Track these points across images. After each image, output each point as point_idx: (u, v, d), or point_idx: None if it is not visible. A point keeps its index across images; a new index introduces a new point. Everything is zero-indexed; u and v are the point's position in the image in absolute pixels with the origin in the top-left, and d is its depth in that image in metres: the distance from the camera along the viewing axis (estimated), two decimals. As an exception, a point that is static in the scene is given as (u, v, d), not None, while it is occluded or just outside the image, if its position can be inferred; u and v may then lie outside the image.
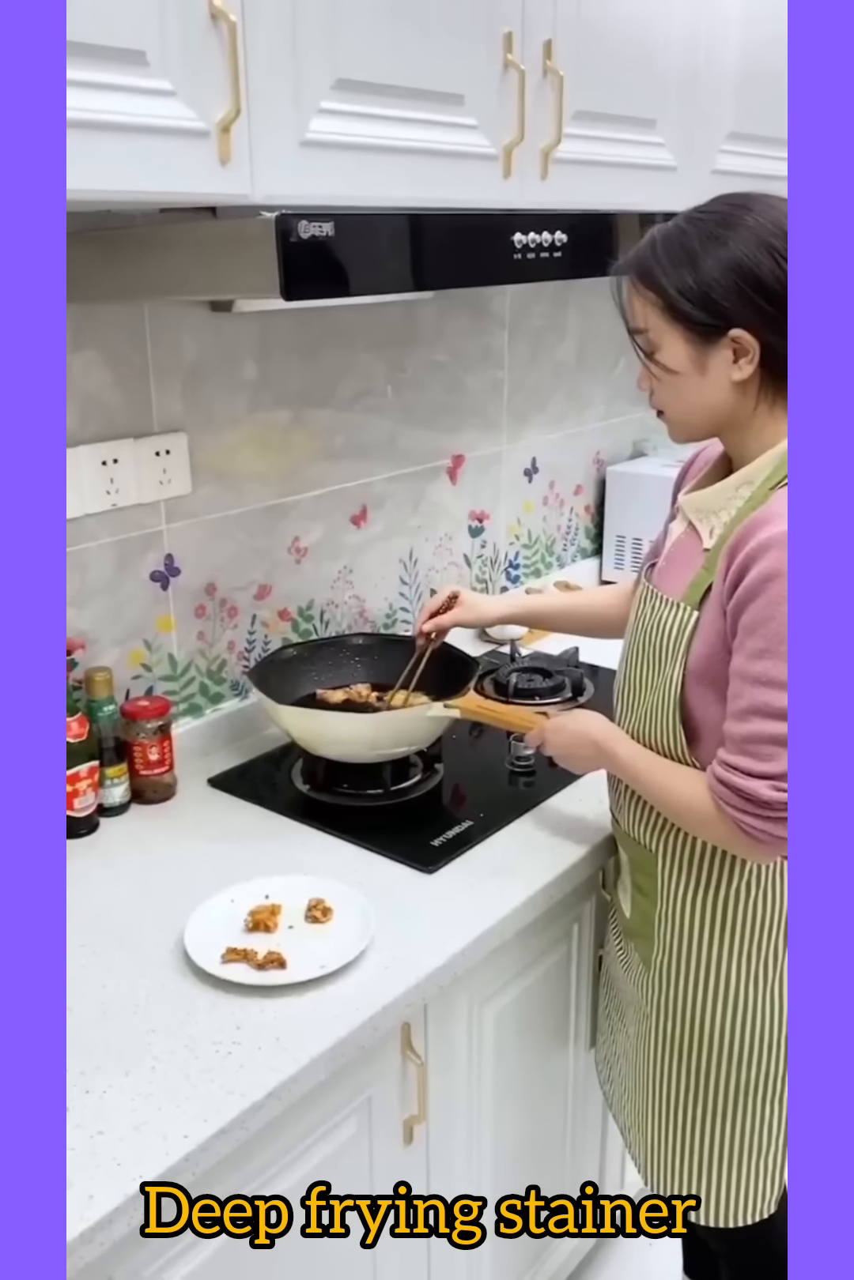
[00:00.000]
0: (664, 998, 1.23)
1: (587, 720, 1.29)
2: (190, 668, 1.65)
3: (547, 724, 1.34)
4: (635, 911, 1.28)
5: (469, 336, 2.01)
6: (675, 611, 1.15)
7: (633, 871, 1.28)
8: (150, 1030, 1.10)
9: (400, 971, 1.17)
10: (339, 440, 1.81)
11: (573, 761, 1.33)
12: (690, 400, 1.13)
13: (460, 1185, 1.37)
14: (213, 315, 1.56)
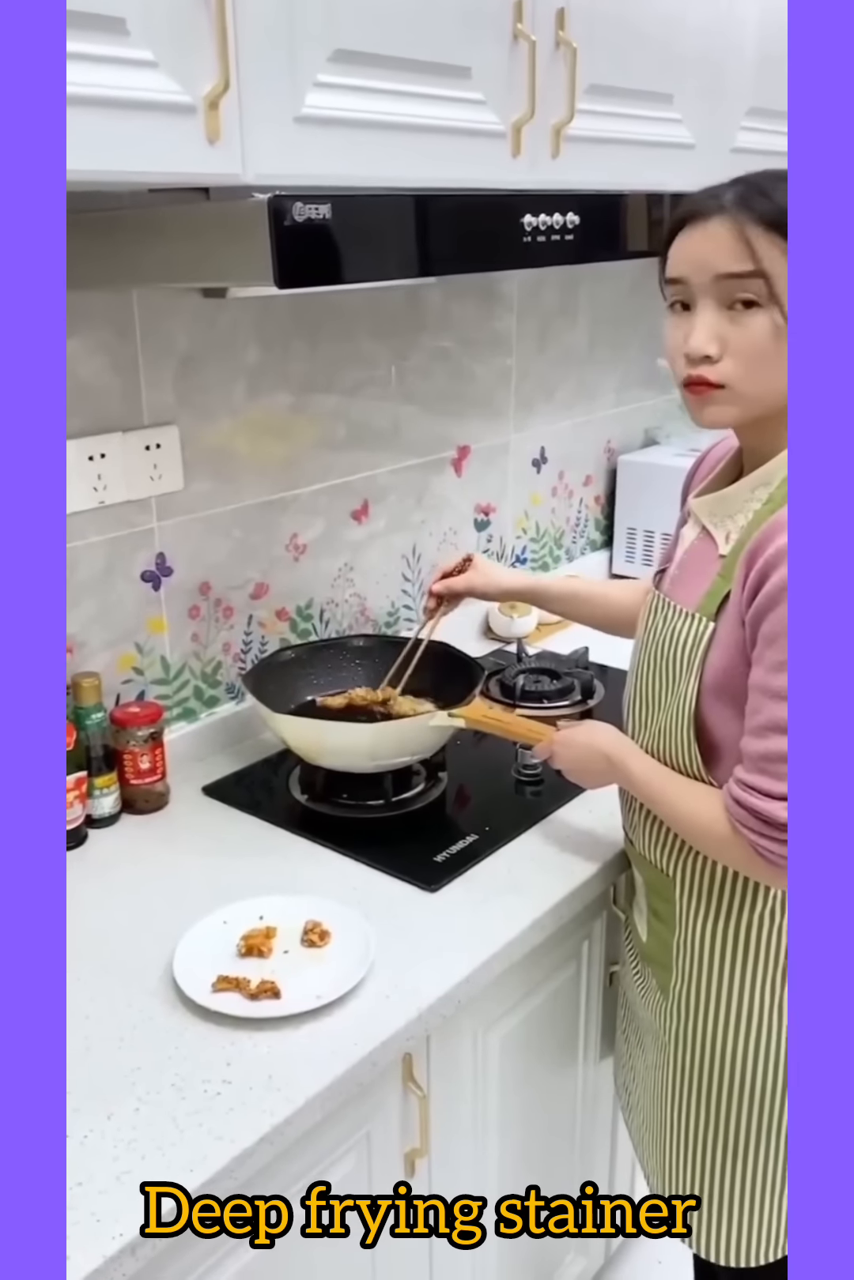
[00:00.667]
0: (683, 1029, 1.16)
1: (597, 733, 1.22)
2: (184, 671, 1.58)
3: (555, 736, 1.27)
4: (652, 937, 1.21)
5: (476, 322, 1.93)
6: (690, 623, 1.08)
7: (649, 895, 1.21)
8: (135, 1068, 1.03)
9: (401, 1001, 1.11)
10: (340, 432, 1.73)
11: (583, 776, 1.26)
12: (775, 376, 0.98)
13: (464, 1218, 1.31)
14: (206, 302, 1.48)
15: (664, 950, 1.18)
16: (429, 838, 1.40)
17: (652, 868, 1.19)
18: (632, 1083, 1.32)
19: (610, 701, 1.76)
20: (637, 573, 2.30)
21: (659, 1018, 1.20)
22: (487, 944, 1.19)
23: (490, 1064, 1.29)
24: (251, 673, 1.52)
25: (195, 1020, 1.09)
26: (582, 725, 1.26)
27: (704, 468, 1.25)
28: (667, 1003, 1.18)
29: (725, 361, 1.00)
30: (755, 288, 0.97)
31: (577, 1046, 1.47)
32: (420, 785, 1.51)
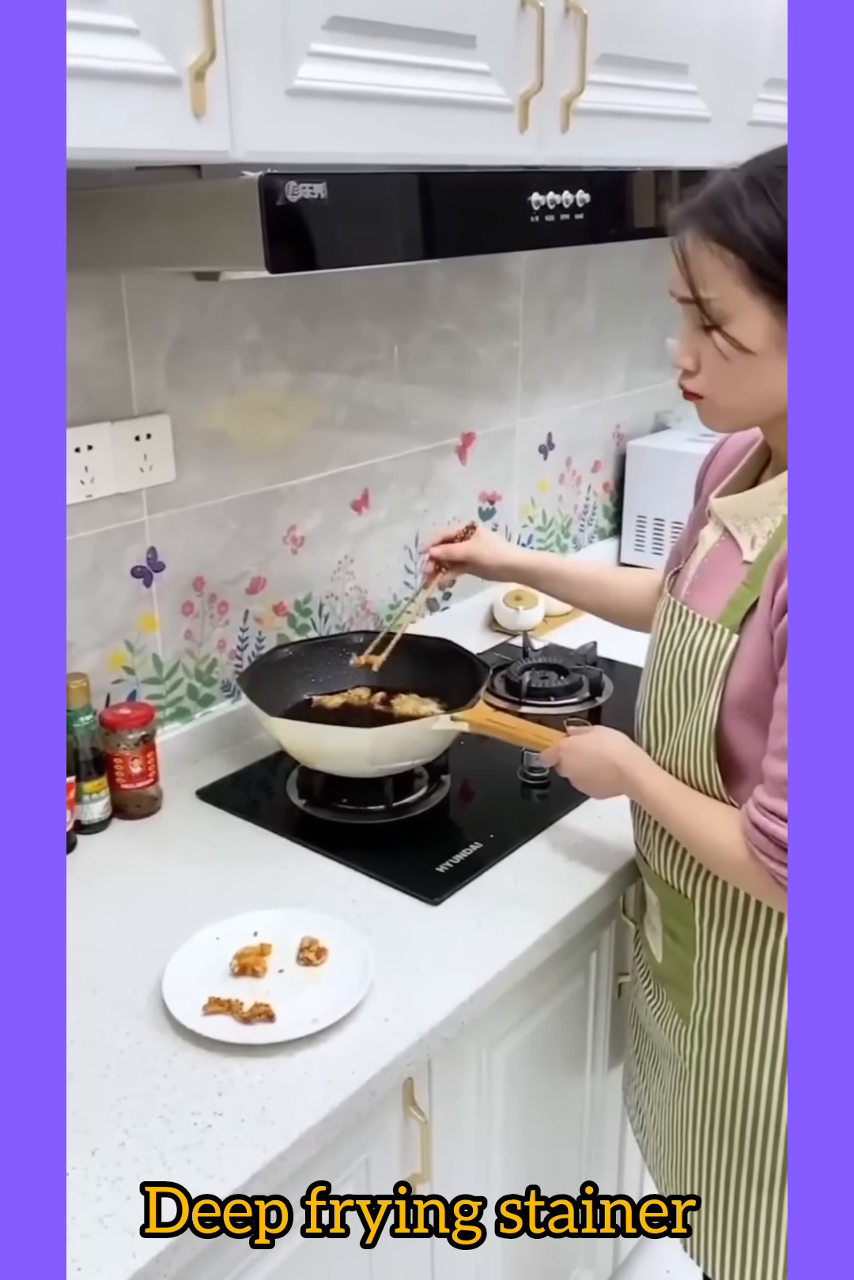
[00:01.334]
0: (704, 1055, 1.10)
1: (607, 741, 1.16)
2: (177, 669, 1.52)
3: (563, 743, 1.21)
4: (668, 958, 1.15)
5: (480, 303, 1.86)
6: (711, 634, 1.01)
7: (664, 915, 1.15)
8: (121, 1097, 0.98)
9: (401, 1024, 1.06)
10: (339, 419, 1.67)
11: (590, 785, 1.20)
12: (754, 387, 0.96)
13: (468, 1253, 1.26)
14: (198, 285, 1.42)
15: (682, 973, 1.12)
16: (431, 846, 1.34)
17: (667, 887, 1.13)
18: (646, 1105, 1.26)
19: (620, 699, 1.70)
20: (646, 562, 2.24)
21: (677, 1042, 1.14)
22: (491, 962, 1.14)
23: (495, 1084, 1.24)
24: (247, 672, 1.46)
25: (185, 1045, 1.04)
26: (591, 732, 1.20)
27: (722, 458, 1.19)
28: (687, 1028, 1.12)
29: (701, 375, 1.00)
30: (709, 310, 0.96)
31: (584, 1061, 1.42)
32: (423, 789, 1.45)
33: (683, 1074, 1.15)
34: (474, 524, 1.45)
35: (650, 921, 1.20)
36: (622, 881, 1.30)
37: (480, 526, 1.45)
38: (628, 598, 1.42)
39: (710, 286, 0.95)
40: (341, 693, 1.53)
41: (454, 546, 1.42)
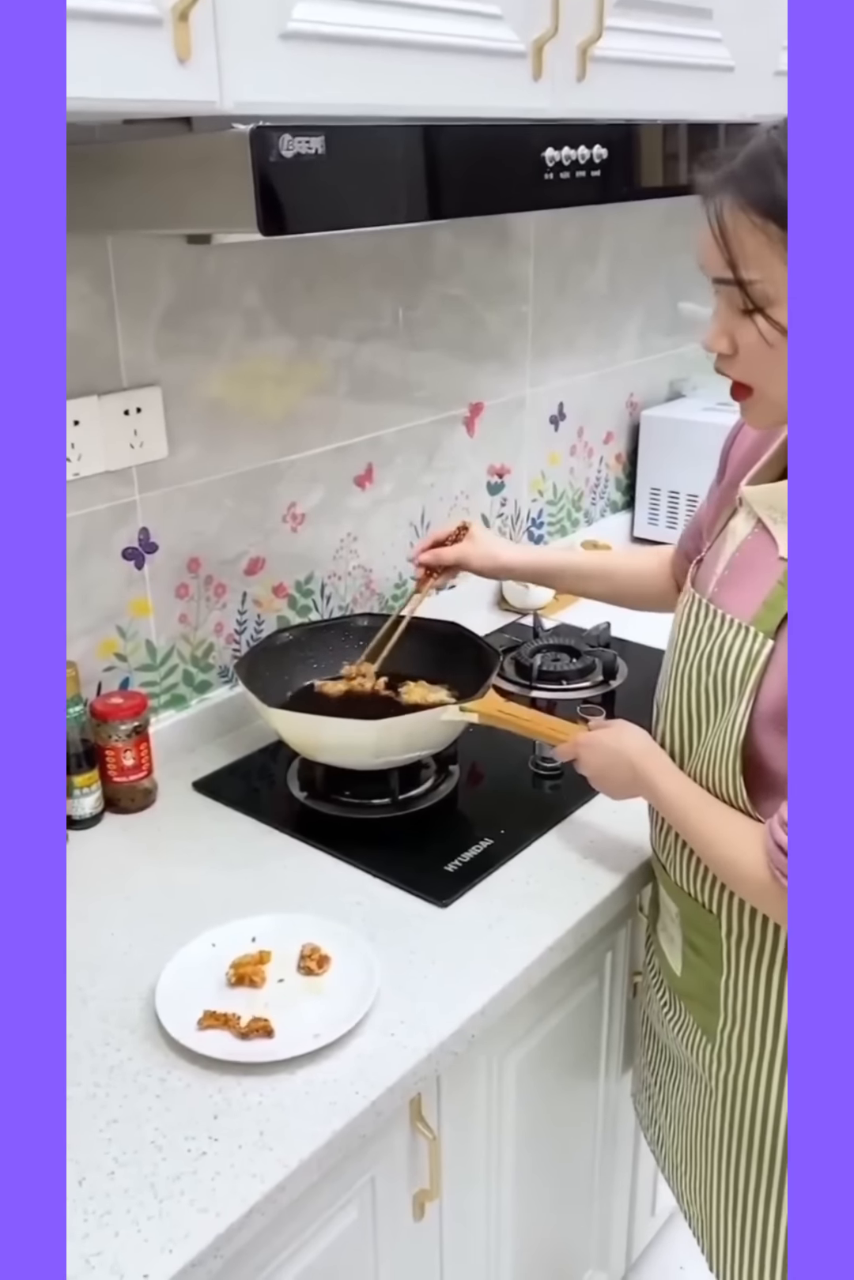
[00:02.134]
0: (733, 1075, 1.04)
1: (625, 738, 1.09)
2: (172, 655, 1.46)
3: (581, 739, 1.14)
4: (690, 973, 1.08)
5: (489, 266, 1.77)
6: (744, 637, 0.93)
7: (684, 927, 1.08)
8: (111, 1120, 0.93)
9: (408, 1038, 1.00)
10: (341, 390, 1.59)
11: (605, 784, 1.13)
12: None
13: (478, 1260, 1.22)
14: (189, 249, 1.33)
15: (706, 990, 1.05)
16: (439, 842, 1.28)
17: (689, 900, 1.06)
18: (663, 1118, 1.20)
19: (635, 682, 1.64)
20: (661, 536, 2.16)
21: (701, 1059, 1.08)
22: (503, 969, 1.08)
23: (506, 1093, 1.19)
24: (244, 659, 1.39)
25: (179, 1062, 0.98)
26: (610, 727, 1.13)
27: (748, 436, 1.11)
28: (713, 1046, 1.06)
29: (739, 360, 0.90)
30: (752, 292, 0.86)
31: (598, 1065, 1.36)
32: (430, 780, 1.38)
33: (708, 1092, 1.08)
34: (466, 523, 1.36)
35: (667, 930, 1.13)
36: (639, 881, 1.24)
37: (474, 525, 1.36)
38: (636, 583, 1.36)
39: (752, 265, 0.85)
40: (345, 678, 1.46)
41: (444, 551, 1.33)
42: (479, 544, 1.34)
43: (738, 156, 0.87)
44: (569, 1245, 1.44)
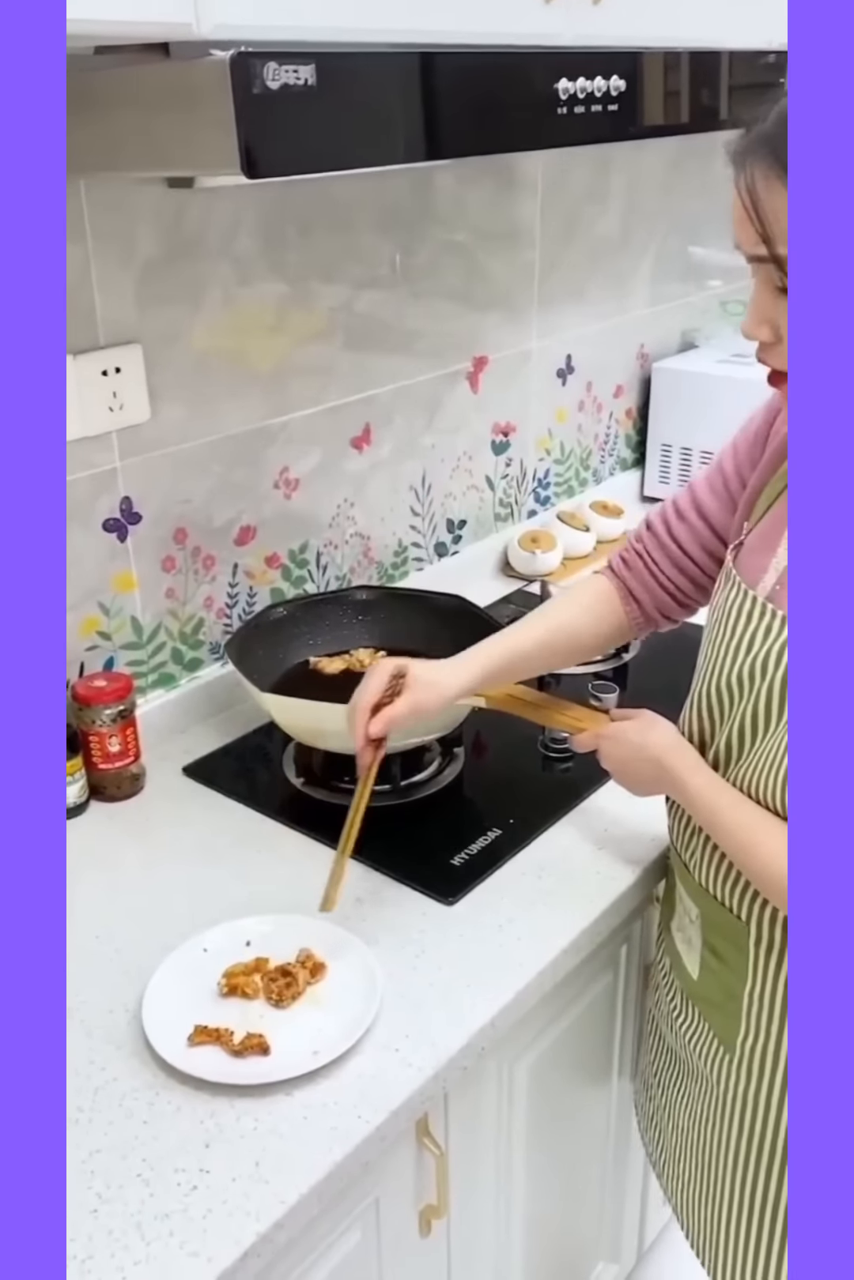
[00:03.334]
0: (755, 1091, 0.97)
1: (652, 732, 1.00)
2: (159, 632, 1.37)
3: (603, 731, 1.06)
4: (709, 979, 1.01)
5: (493, 210, 1.66)
6: None
7: (705, 930, 1.01)
8: (95, 1150, 0.86)
9: (413, 1054, 0.93)
10: (336, 346, 1.49)
11: (630, 781, 1.05)
12: None
13: (487, 1267, 1.16)
14: (170, 193, 1.23)
15: (727, 998, 0.98)
16: (445, 833, 1.20)
17: (713, 902, 0.98)
18: (665, 1121, 1.14)
19: (647, 656, 1.55)
20: (670, 493, 2.06)
21: (716, 1070, 1.01)
22: (515, 975, 1.01)
23: (517, 1101, 1.12)
24: (235, 637, 1.31)
25: (168, 1082, 0.91)
26: (636, 719, 1.04)
27: None
28: (732, 1059, 0.99)
29: (782, 347, 0.82)
30: (779, 273, 0.77)
31: (610, 1060, 1.30)
32: (433, 764, 1.31)
33: (723, 1105, 1.02)
34: (400, 670, 1.05)
35: (684, 931, 1.06)
36: (656, 874, 1.17)
37: (410, 667, 1.05)
38: (585, 632, 1.14)
39: (786, 242, 0.76)
40: (342, 655, 1.38)
41: (393, 711, 1.02)
42: (424, 685, 1.04)
43: (770, 115, 0.77)
44: (580, 1240, 1.39)
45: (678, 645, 1.57)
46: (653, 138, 1.17)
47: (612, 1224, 1.43)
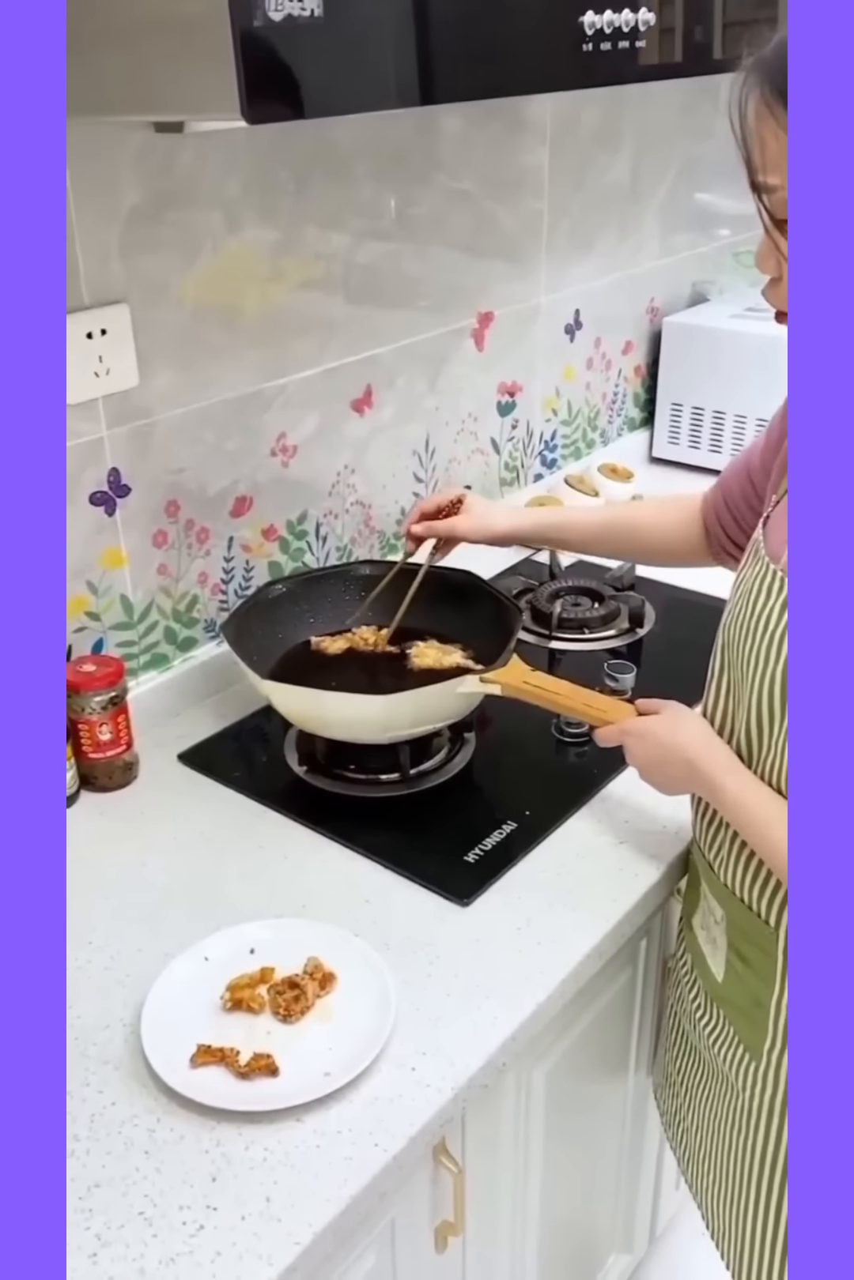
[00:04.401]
0: (783, 1100, 0.92)
1: (681, 728, 0.94)
2: (151, 610, 1.29)
3: (627, 726, 0.99)
4: (735, 983, 0.96)
5: (500, 157, 1.56)
6: None
7: (731, 933, 0.95)
8: (93, 1185, 0.80)
9: (431, 1074, 0.87)
10: (335, 303, 1.40)
11: (658, 779, 0.99)
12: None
13: (502, 1268, 1.12)
14: (158, 138, 1.13)
15: (753, 1004, 0.93)
16: (457, 826, 1.14)
17: (740, 905, 0.92)
18: (688, 1120, 1.09)
19: (663, 630, 1.49)
20: (681, 457, 1.99)
21: (742, 1077, 0.96)
22: (536, 985, 0.95)
23: (534, 1108, 1.07)
24: (232, 617, 1.23)
25: (171, 1106, 0.85)
26: (663, 712, 0.97)
27: None
28: (758, 1066, 0.94)
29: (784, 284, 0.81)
30: (774, 201, 0.75)
31: (628, 1056, 1.25)
32: (443, 750, 1.24)
33: (747, 1112, 0.97)
34: (461, 496, 1.25)
35: (708, 931, 1.00)
36: (680, 868, 1.11)
37: (469, 496, 1.25)
38: (655, 538, 1.22)
39: (772, 171, 0.74)
40: (345, 634, 1.31)
41: (436, 524, 1.24)
42: (474, 517, 1.24)
43: (772, 40, 0.74)
44: (594, 1234, 1.35)
45: (694, 620, 1.51)
46: (684, 77, 1.07)
47: (625, 1215, 1.40)
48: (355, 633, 1.30)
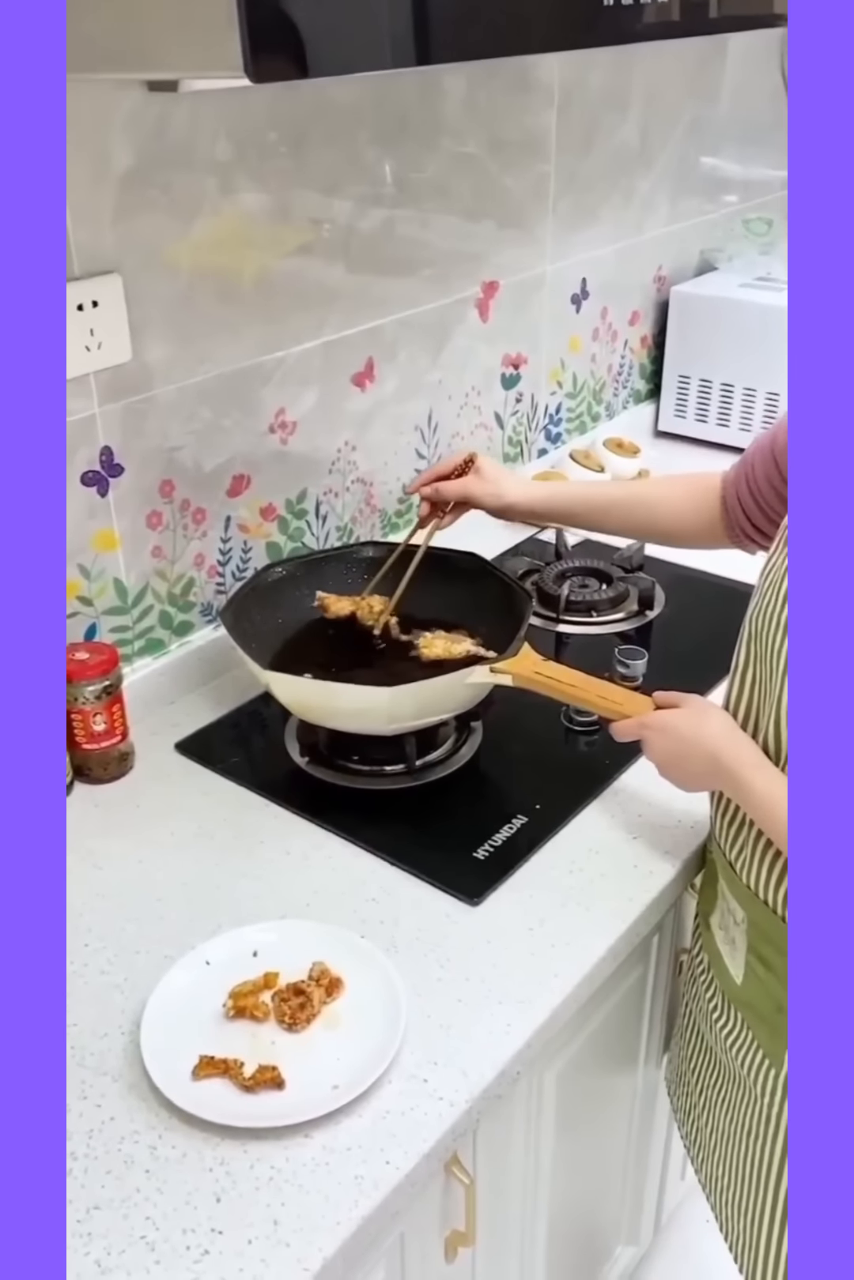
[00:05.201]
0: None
1: (706, 724, 0.90)
2: (145, 594, 1.25)
3: (648, 720, 0.95)
4: (755, 987, 0.93)
5: (506, 118, 1.50)
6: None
7: (751, 935, 0.92)
8: (92, 1206, 0.76)
9: (443, 1085, 0.84)
10: (335, 271, 1.34)
11: (679, 776, 0.95)
12: None
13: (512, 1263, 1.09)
14: (151, 97, 1.07)
15: (774, 1010, 0.90)
16: (465, 820, 1.10)
17: (764, 909, 0.89)
18: (703, 1120, 1.06)
19: (674, 613, 1.45)
20: (688, 431, 1.94)
21: (762, 1083, 0.93)
22: (550, 988, 0.92)
23: (545, 1113, 1.04)
24: (231, 602, 1.18)
25: (172, 1121, 0.82)
26: (686, 706, 0.93)
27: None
28: (778, 1073, 0.91)
29: None
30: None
31: (637, 1053, 1.22)
32: (449, 740, 1.20)
33: (766, 1119, 0.94)
34: (473, 456, 1.21)
35: (728, 931, 0.97)
36: (696, 864, 1.07)
37: (481, 458, 1.21)
38: (671, 517, 1.18)
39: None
40: (352, 596, 1.26)
41: (446, 486, 1.20)
42: (485, 479, 1.19)
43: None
44: (600, 1228, 1.33)
45: (705, 602, 1.47)
46: (715, 34, 1.02)
47: (631, 1208, 1.38)
48: (364, 598, 1.25)
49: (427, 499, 1.22)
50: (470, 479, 1.19)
